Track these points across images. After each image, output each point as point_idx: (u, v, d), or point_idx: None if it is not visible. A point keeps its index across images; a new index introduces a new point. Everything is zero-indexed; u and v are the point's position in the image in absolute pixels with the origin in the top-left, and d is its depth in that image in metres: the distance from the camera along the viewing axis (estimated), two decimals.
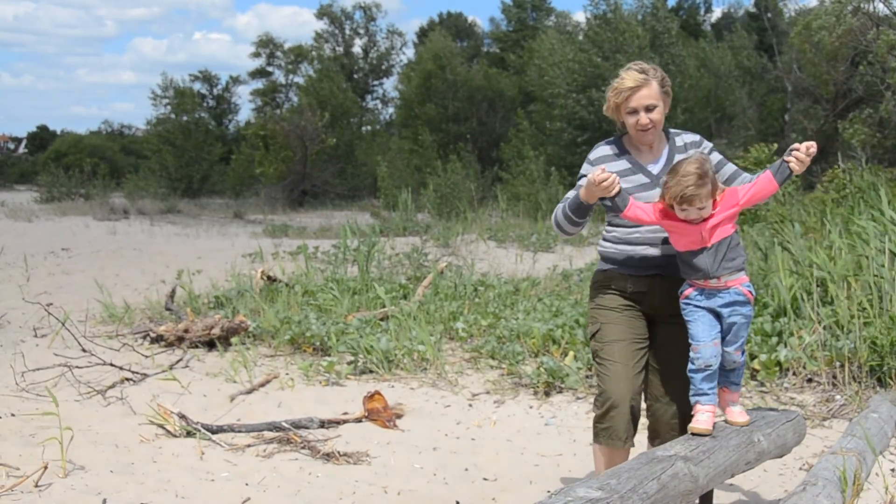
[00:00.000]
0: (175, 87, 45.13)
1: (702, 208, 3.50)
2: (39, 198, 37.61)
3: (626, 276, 3.85)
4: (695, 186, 3.46)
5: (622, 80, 3.81)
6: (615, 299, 3.89)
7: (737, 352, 3.63)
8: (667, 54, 27.99)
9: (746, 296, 3.59)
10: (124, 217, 27.22)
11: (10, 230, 21.24)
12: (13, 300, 10.18)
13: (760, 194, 3.60)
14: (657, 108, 3.78)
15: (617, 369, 3.78)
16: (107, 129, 77.19)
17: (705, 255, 3.56)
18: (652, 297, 3.82)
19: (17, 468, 4.77)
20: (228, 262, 13.30)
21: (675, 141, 3.91)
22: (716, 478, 3.28)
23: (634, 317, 3.86)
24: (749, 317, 3.62)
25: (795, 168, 3.56)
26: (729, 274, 3.56)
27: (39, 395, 6.25)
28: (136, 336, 8.37)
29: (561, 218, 3.86)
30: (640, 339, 3.84)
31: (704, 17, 48.09)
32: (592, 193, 3.63)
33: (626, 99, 3.79)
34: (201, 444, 5.27)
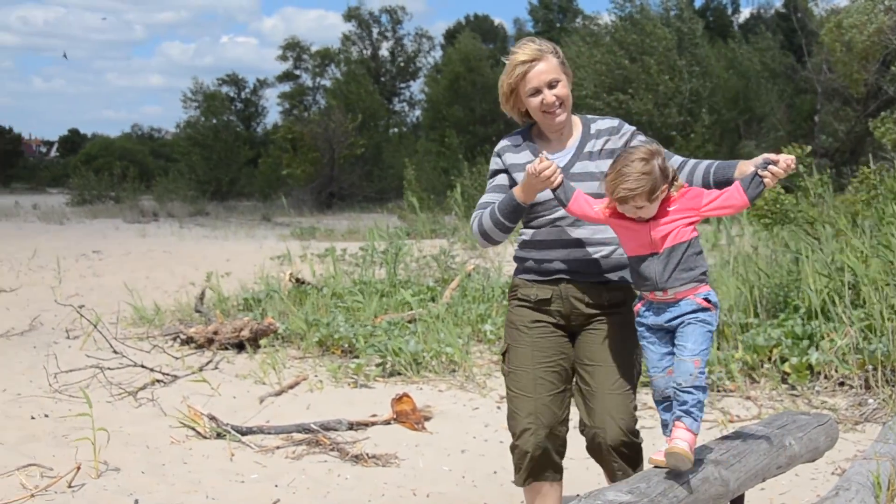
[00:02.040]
0: (204, 90, 45.47)
1: (640, 208, 3.01)
2: (71, 201, 38.04)
3: (531, 283, 3.40)
4: (632, 183, 2.98)
5: (514, 55, 3.32)
6: (523, 313, 3.42)
7: (694, 361, 2.99)
8: (692, 55, 27.86)
9: (700, 304, 3.04)
10: (154, 220, 27.46)
11: (42, 233, 21.47)
12: (46, 302, 10.30)
13: (727, 207, 3.09)
14: (560, 82, 3.29)
15: (521, 402, 3.35)
16: (136, 133, 77.92)
17: (654, 261, 3.05)
18: (559, 304, 3.35)
19: (51, 468, 4.83)
20: (257, 264, 13.38)
21: (589, 128, 3.41)
22: (746, 482, 3.26)
23: (544, 335, 3.37)
24: (707, 323, 3.04)
25: (770, 184, 3.07)
26: (681, 285, 3.04)
27: (72, 397, 6.32)
28: (167, 338, 8.43)
29: (489, 225, 3.34)
30: (551, 363, 3.35)
31: (732, 18, 47.82)
32: (532, 188, 3.18)
33: (522, 76, 3.30)
34: (231, 446, 5.30)
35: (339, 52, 52.57)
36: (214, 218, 28.93)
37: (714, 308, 3.08)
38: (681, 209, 3.07)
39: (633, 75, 26.67)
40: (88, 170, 41.38)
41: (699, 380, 3.01)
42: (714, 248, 10.02)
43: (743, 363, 6.47)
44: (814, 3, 28.31)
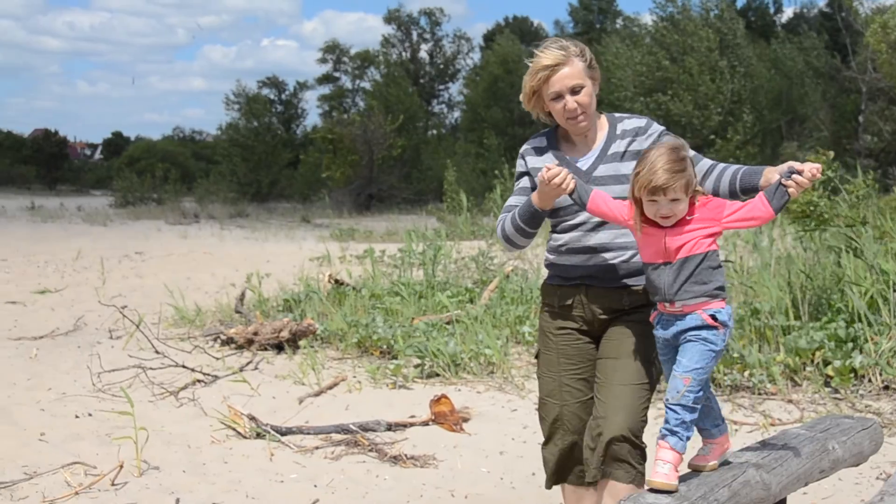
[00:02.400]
0: (246, 93, 45.87)
1: (675, 200, 2.87)
2: (114, 202, 38.52)
3: (555, 289, 3.38)
4: (668, 172, 2.86)
5: (538, 58, 3.21)
6: (549, 319, 3.40)
7: (685, 379, 2.88)
8: (734, 55, 27.61)
9: (706, 321, 2.90)
10: (195, 221, 27.73)
11: (86, 234, 21.77)
12: (90, 303, 10.44)
13: (751, 220, 2.96)
14: (584, 88, 3.19)
15: (546, 408, 3.39)
16: (178, 135, 78.74)
17: (666, 271, 2.93)
18: (580, 309, 3.31)
19: (95, 466, 4.90)
20: (296, 265, 13.46)
21: (615, 128, 3.31)
22: (789, 486, 3.22)
23: (569, 343, 3.35)
24: (709, 342, 2.89)
25: (794, 194, 2.94)
26: (691, 298, 2.90)
27: (115, 396, 6.40)
28: (207, 338, 8.51)
29: (510, 230, 3.32)
30: (577, 370, 3.33)
31: (775, 18, 47.32)
32: (547, 196, 3.13)
33: (545, 80, 3.20)
34: (271, 446, 5.34)
35: (378, 54, 52.79)
36: (255, 219, 29.15)
37: (722, 327, 2.91)
38: (701, 219, 2.94)
39: (674, 76, 26.49)
40: (131, 172, 41.92)
41: (685, 398, 2.90)
42: (755, 249, 9.91)
43: (785, 366, 6.40)
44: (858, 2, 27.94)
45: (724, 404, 6.06)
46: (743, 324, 6.97)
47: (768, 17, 46.85)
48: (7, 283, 12.35)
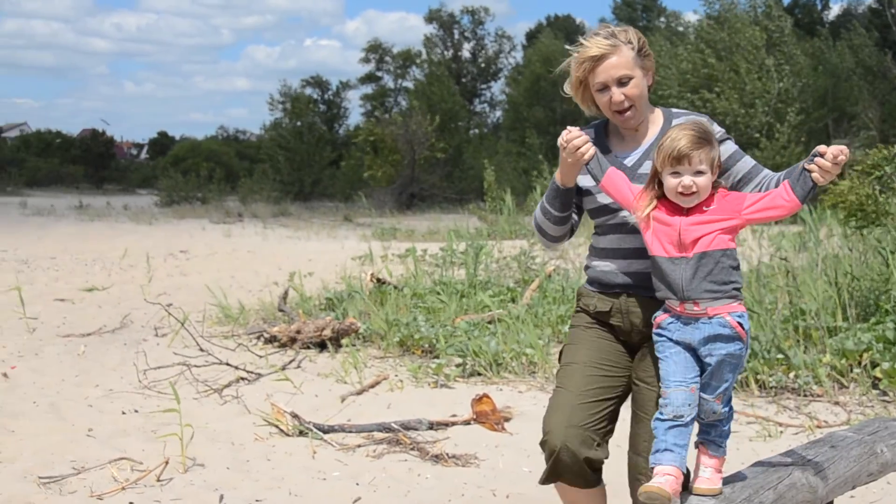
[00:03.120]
0: (289, 92, 46.18)
1: (700, 173, 2.73)
2: (159, 201, 38.97)
3: (593, 294, 3.15)
4: (691, 141, 2.73)
5: (584, 47, 3.01)
6: (582, 318, 3.21)
7: (717, 399, 2.78)
8: (781, 53, 27.27)
9: (735, 329, 2.74)
10: (238, 220, 27.98)
11: (132, 233, 22.05)
12: (136, 300, 10.58)
13: (773, 209, 2.77)
14: (633, 80, 2.98)
15: (559, 397, 3.08)
16: (222, 135, 79.46)
17: (681, 266, 2.75)
18: (618, 318, 3.08)
19: (141, 462, 4.96)
20: (338, 264, 13.53)
21: (669, 124, 3.07)
22: (836, 489, 3.18)
23: (602, 337, 3.13)
24: (738, 357, 2.76)
25: (819, 179, 2.71)
26: (712, 300, 2.74)
27: (161, 393, 6.48)
28: (251, 336, 8.58)
29: (539, 216, 3.15)
30: (604, 365, 3.09)
31: (822, 15, 46.69)
32: (566, 165, 2.98)
33: (590, 71, 3.00)
34: (313, 444, 5.37)
35: (420, 53, 52.89)
36: (297, 218, 29.34)
37: (745, 335, 2.77)
38: (720, 210, 2.77)
39: (720, 74, 26.22)
40: (176, 171, 42.40)
41: (723, 412, 2.82)
42: (802, 249, 9.79)
43: (831, 368, 6.32)
44: None
45: (769, 405, 6.00)
46: (787, 325, 6.89)
47: (815, 14, 46.23)
48: (56, 281, 12.55)
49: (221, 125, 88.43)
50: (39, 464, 4.94)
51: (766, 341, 6.56)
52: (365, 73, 54.62)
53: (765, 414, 5.83)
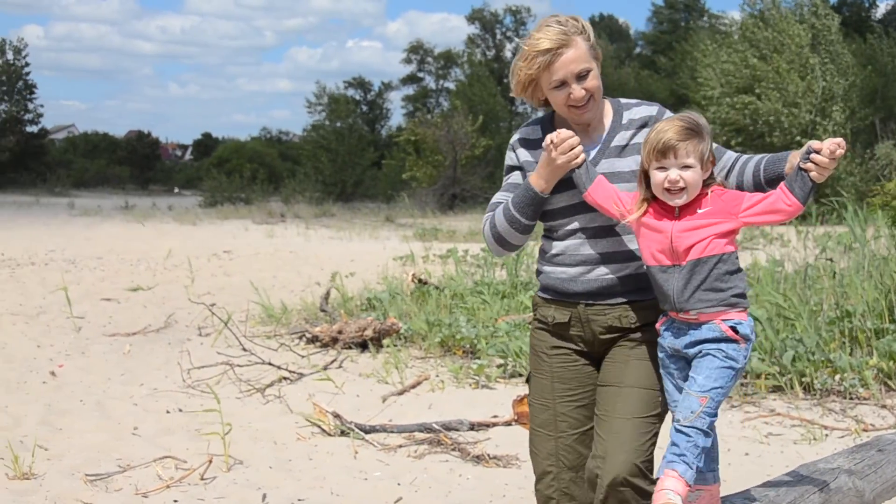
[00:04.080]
0: (330, 94, 46.44)
1: (688, 167, 2.54)
2: (203, 202, 39.37)
3: (549, 303, 2.92)
4: (678, 131, 2.54)
5: (535, 41, 2.72)
6: (542, 337, 2.95)
7: (701, 398, 2.53)
8: (827, 52, 26.90)
9: (725, 332, 2.55)
10: (281, 221, 28.16)
11: (176, 233, 22.31)
12: (180, 300, 10.70)
13: (774, 214, 2.57)
14: (591, 72, 2.73)
15: (539, 441, 2.95)
16: (265, 136, 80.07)
17: (675, 275, 2.57)
18: (578, 328, 2.85)
19: (185, 461, 5.02)
20: (380, 264, 13.57)
21: (621, 117, 2.85)
22: (883, 493, 3.13)
23: (566, 364, 2.89)
24: (729, 357, 2.55)
25: (818, 178, 2.52)
26: (706, 307, 2.55)
27: (204, 392, 6.54)
28: (293, 336, 8.64)
29: (502, 225, 2.86)
30: (575, 396, 2.88)
31: (870, 13, 46.01)
32: (552, 169, 2.72)
33: (545, 68, 2.72)
34: (355, 444, 5.40)
35: (462, 54, 52.93)
36: (339, 219, 29.49)
37: (744, 341, 2.56)
38: (714, 213, 2.57)
39: (762, 74, 25.94)
40: (220, 172, 42.81)
41: (700, 420, 2.53)
42: (849, 250, 9.64)
43: (878, 370, 6.22)
44: None
45: (814, 408, 5.93)
46: (833, 327, 6.80)
47: (864, 12, 45.56)
48: (102, 281, 12.73)
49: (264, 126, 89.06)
50: (86, 461, 5.01)
51: (812, 343, 6.47)
52: (407, 74, 54.80)
53: (810, 417, 5.76)
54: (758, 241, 16.22)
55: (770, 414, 5.84)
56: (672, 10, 52.59)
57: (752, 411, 5.95)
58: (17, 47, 59.03)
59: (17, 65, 58.52)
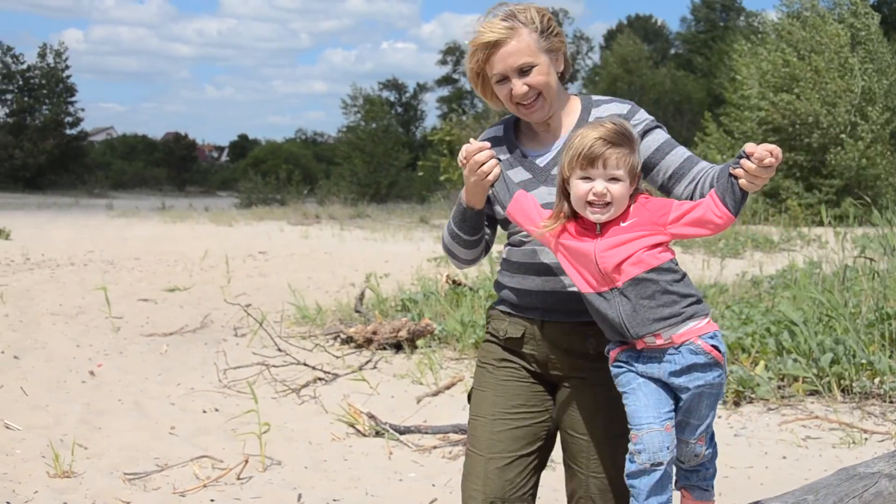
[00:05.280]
0: (364, 95, 46.64)
1: (615, 179, 2.26)
2: (239, 203, 39.65)
3: (503, 316, 2.66)
4: (606, 138, 2.26)
5: (478, 34, 2.53)
6: (492, 349, 2.69)
7: (699, 440, 2.36)
8: (867, 52, 26.56)
9: (710, 354, 2.27)
10: (316, 222, 28.28)
11: (213, 234, 22.47)
12: (216, 301, 10.78)
13: (703, 227, 2.29)
14: (536, 67, 2.50)
15: (471, 463, 2.63)
16: (300, 137, 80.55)
17: (614, 300, 2.28)
18: (532, 346, 2.59)
19: (222, 461, 5.06)
20: (414, 265, 13.60)
21: (587, 115, 2.61)
22: None
23: (511, 378, 2.62)
24: (717, 386, 2.31)
25: (748, 186, 2.24)
26: (669, 327, 2.27)
27: (240, 392, 6.59)
28: (328, 337, 8.67)
29: (447, 238, 2.69)
30: (516, 416, 2.60)
31: None
32: (471, 185, 2.49)
33: (485, 61, 2.53)
34: (389, 444, 5.41)
35: None
36: (374, 220, 29.56)
37: (723, 358, 2.30)
38: (639, 224, 2.30)
39: (801, 73, 25.67)
40: (256, 174, 43.13)
41: (707, 456, 2.43)
42: (889, 251, 9.52)
43: None
44: None
45: (853, 411, 5.86)
46: (873, 329, 6.71)
47: None
48: (140, 282, 12.86)
49: (299, 128, 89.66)
50: (125, 460, 5.07)
51: (850, 346, 6.40)
52: (441, 76, 54.87)
53: (849, 420, 5.69)
54: (795, 242, 16.05)
55: (808, 417, 5.78)
56: (709, 9, 52.21)
57: (789, 414, 5.89)
58: (57, 51, 59.92)
59: (57, 68, 59.37)
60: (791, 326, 6.74)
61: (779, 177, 24.65)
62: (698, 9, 52.84)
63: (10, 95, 58.49)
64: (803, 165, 25.10)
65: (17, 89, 58.64)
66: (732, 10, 51.57)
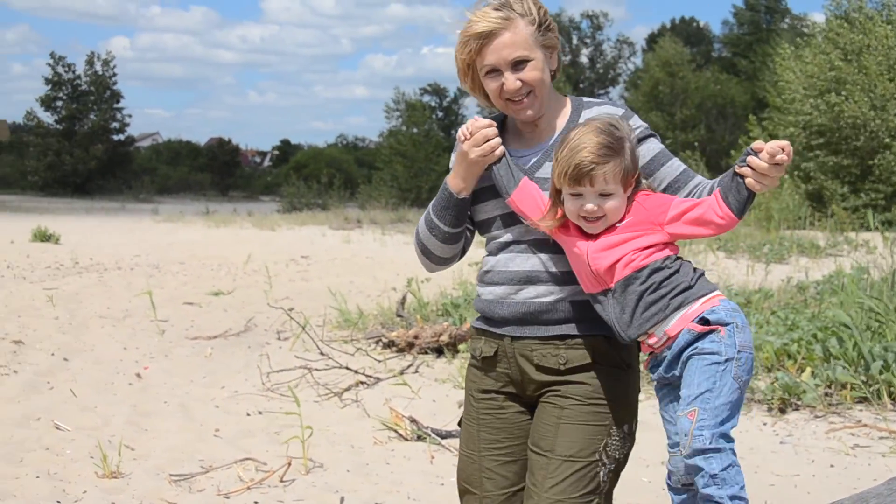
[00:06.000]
0: (406, 100, 46.81)
1: (607, 195, 2.18)
2: (281, 208, 39.95)
3: (480, 334, 2.56)
4: (594, 152, 2.15)
5: (470, 23, 2.38)
6: (473, 377, 2.59)
7: (688, 415, 2.12)
8: None
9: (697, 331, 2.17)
10: (357, 226, 28.40)
11: (255, 239, 22.65)
12: (259, 304, 10.87)
13: (704, 227, 2.20)
14: (531, 62, 2.35)
15: (464, 497, 2.59)
16: (342, 142, 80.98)
17: (609, 301, 2.23)
18: (505, 364, 2.48)
19: (265, 463, 5.10)
20: (455, 270, 13.60)
21: (578, 116, 2.47)
22: None
23: (492, 411, 2.52)
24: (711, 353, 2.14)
25: (755, 186, 2.13)
26: (658, 324, 2.19)
27: (283, 395, 6.64)
28: (370, 341, 8.71)
29: (423, 232, 2.57)
30: (503, 450, 2.51)
31: None
32: (468, 165, 2.40)
33: (477, 52, 2.38)
34: (431, 449, 5.42)
35: None
36: (415, 225, 29.60)
37: (721, 328, 2.15)
38: (634, 224, 2.21)
39: (848, 76, 25.32)
40: (298, 179, 43.45)
41: (699, 440, 2.09)
42: None
43: None
44: None
45: None
46: None
47: None
48: (184, 286, 13.00)
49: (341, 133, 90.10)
50: (170, 461, 5.13)
51: None
52: None
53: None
54: (841, 247, 15.83)
55: (856, 425, 5.70)
56: (753, 11, 51.69)
57: (837, 422, 5.81)
58: (105, 59, 60.86)
59: (105, 75, 60.31)
60: (838, 332, 6.65)
61: (824, 181, 24.33)
62: (742, 11, 52.34)
63: (60, 102, 59.55)
64: (850, 170, 24.74)
65: (67, 97, 59.67)
66: (777, 12, 51.02)
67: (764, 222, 19.88)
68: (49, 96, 59.46)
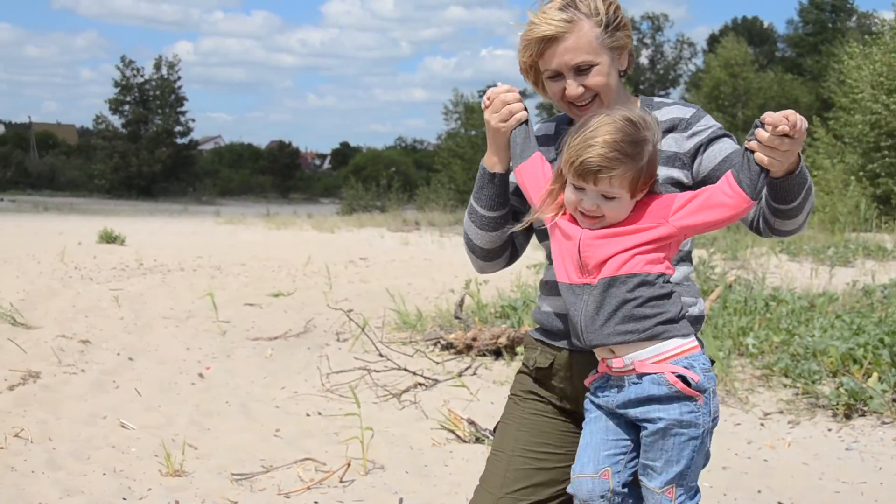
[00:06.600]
0: (465, 102, 46.89)
1: (610, 198, 2.01)
2: (340, 210, 40.26)
3: (536, 344, 2.41)
4: (605, 152, 1.96)
5: (532, 26, 2.24)
6: (522, 381, 2.44)
7: (666, 492, 2.03)
8: None
9: (674, 385, 1.99)
10: (416, 228, 28.49)
11: (315, 241, 22.85)
12: (319, 306, 10.96)
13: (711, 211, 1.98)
14: (596, 67, 2.22)
15: (476, 496, 2.41)
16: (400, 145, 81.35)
17: (584, 296, 2.03)
18: (560, 379, 2.34)
19: (325, 463, 5.14)
20: (514, 272, 13.55)
21: None
22: None
23: (537, 413, 2.36)
24: (687, 424, 2.01)
25: (763, 160, 1.93)
26: (627, 345, 2.01)
27: (342, 396, 6.69)
28: (428, 343, 8.73)
29: (466, 222, 2.48)
30: (537, 455, 2.33)
31: None
32: (493, 136, 2.27)
33: (539, 55, 2.25)
34: (489, 451, 5.41)
35: None
36: None
37: (700, 395, 2.00)
38: (637, 219, 2.05)
39: None
40: (357, 181, 43.75)
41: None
42: None
43: None
44: None
45: None
46: None
47: None
48: (246, 287, 13.16)
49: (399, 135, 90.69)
50: (232, 461, 5.20)
51: None
52: None
53: None
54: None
55: None
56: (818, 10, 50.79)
57: None
58: (171, 63, 61.95)
59: (170, 80, 61.40)
60: None
61: (893, 183, 23.82)
62: (806, 10, 51.45)
63: (127, 106, 60.76)
64: None
65: (134, 100, 60.88)
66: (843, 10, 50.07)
67: (828, 224, 19.52)
68: (117, 99, 60.73)
